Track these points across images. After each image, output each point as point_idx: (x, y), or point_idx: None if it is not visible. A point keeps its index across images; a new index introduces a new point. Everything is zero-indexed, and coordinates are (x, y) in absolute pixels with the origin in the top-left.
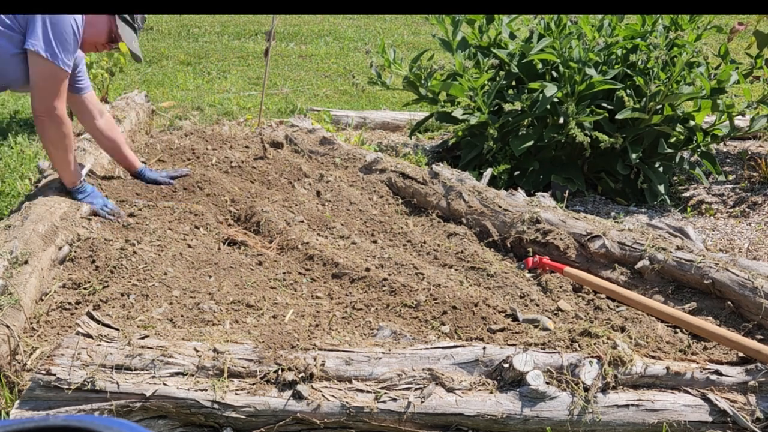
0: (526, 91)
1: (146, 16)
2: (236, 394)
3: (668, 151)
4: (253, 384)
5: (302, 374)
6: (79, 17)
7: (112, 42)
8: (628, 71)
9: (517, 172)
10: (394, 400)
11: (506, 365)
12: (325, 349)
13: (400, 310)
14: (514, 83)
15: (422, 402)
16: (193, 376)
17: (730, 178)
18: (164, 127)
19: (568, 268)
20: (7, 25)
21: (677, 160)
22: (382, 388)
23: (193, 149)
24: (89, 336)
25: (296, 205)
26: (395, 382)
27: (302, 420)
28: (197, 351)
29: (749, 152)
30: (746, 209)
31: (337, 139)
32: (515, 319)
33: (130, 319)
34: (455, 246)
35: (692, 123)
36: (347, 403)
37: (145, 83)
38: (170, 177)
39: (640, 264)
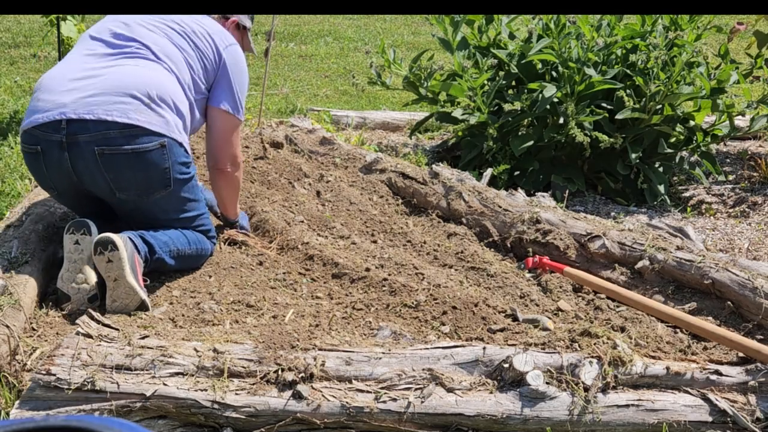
0: (525, 91)
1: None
2: (236, 394)
3: (668, 151)
4: (253, 384)
5: (302, 374)
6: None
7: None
8: (628, 71)
9: (517, 172)
10: (394, 400)
11: (506, 365)
12: (325, 349)
13: (400, 310)
14: (513, 83)
15: (422, 402)
16: (193, 376)
17: (730, 178)
18: None
19: (568, 268)
20: (201, 91)
21: (677, 160)
22: (382, 388)
23: (193, 149)
24: (89, 336)
25: (296, 205)
26: (395, 382)
27: (302, 420)
28: (197, 351)
29: (749, 152)
30: (746, 209)
31: (337, 139)
32: (515, 319)
33: (130, 319)
34: (455, 246)
35: (692, 123)
36: (347, 403)
37: None
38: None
39: (640, 264)
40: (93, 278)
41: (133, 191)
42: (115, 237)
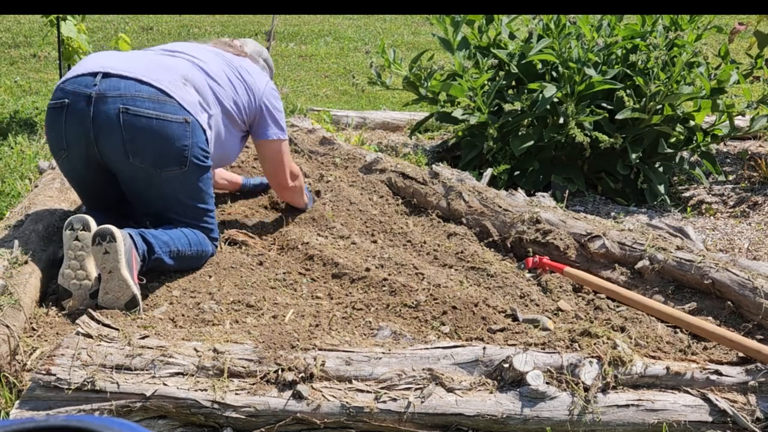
0: (525, 91)
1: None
2: (236, 394)
3: (668, 151)
4: (253, 384)
5: (302, 374)
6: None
7: None
8: (628, 71)
9: (517, 172)
10: (394, 400)
11: (506, 365)
12: (325, 349)
13: (400, 310)
14: (513, 83)
15: (422, 402)
16: (193, 376)
17: (730, 178)
18: None
19: (568, 268)
20: (241, 117)
21: (677, 160)
22: (382, 388)
23: None
24: (89, 336)
25: None
26: (395, 382)
27: (302, 420)
28: (197, 351)
29: (749, 152)
30: (746, 209)
31: (337, 139)
32: (515, 319)
33: (130, 319)
34: (455, 246)
35: (692, 123)
36: (347, 403)
37: None
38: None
39: (640, 264)
40: (94, 274)
41: (147, 157)
42: (114, 229)
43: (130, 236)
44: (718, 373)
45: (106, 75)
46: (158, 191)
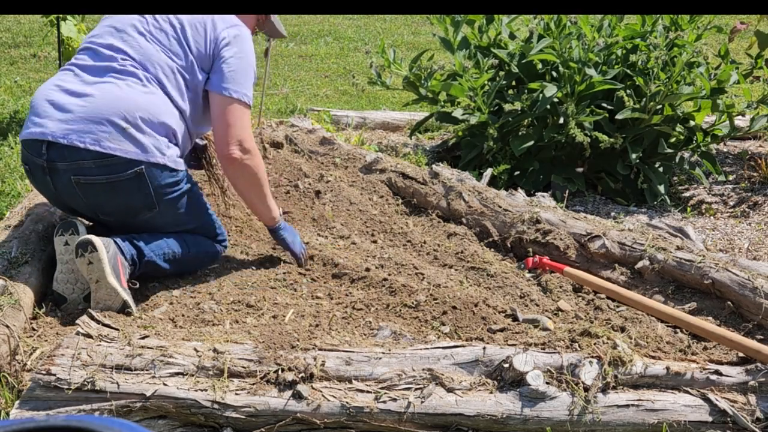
0: (526, 91)
1: None
2: (236, 394)
3: (668, 151)
4: (253, 384)
5: (302, 374)
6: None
7: (258, 26)
8: (628, 71)
9: (517, 172)
10: (394, 400)
11: (506, 365)
12: (325, 349)
13: (400, 310)
14: (514, 83)
15: (422, 402)
16: (193, 376)
17: (730, 178)
18: None
19: (568, 268)
20: (202, 88)
21: (677, 160)
22: (382, 388)
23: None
24: (89, 336)
25: (296, 204)
26: (395, 382)
27: (302, 420)
28: (197, 351)
29: (749, 152)
30: (746, 209)
31: (337, 139)
32: (515, 319)
33: (130, 319)
34: (455, 246)
35: (692, 123)
36: (347, 403)
37: None
38: None
39: (640, 264)
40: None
41: (115, 215)
42: (94, 238)
43: (115, 242)
44: (718, 373)
45: (50, 144)
46: (142, 227)
